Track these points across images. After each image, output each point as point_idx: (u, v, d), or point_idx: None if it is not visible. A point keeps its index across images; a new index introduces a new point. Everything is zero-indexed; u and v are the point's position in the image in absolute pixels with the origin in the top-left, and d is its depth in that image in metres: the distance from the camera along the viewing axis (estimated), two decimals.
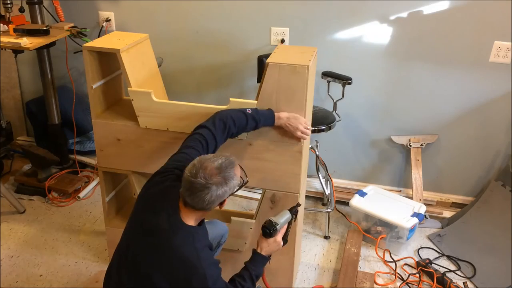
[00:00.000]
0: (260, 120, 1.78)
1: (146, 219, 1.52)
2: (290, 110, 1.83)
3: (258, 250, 1.66)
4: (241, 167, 1.56)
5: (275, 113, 1.82)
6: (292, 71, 1.76)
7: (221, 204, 1.51)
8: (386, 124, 2.80)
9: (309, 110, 1.93)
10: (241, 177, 1.55)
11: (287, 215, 1.70)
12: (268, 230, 1.64)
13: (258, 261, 1.65)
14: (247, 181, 1.62)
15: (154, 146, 2.03)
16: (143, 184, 2.18)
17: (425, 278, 2.35)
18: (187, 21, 2.83)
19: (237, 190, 1.54)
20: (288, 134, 1.86)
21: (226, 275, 1.58)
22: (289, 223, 1.73)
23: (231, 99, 1.85)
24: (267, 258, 1.67)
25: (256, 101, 1.84)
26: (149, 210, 1.54)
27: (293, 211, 1.74)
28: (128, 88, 1.95)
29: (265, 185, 2.00)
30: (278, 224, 1.65)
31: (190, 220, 1.50)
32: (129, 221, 1.59)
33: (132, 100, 1.95)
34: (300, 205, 1.79)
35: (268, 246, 1.66)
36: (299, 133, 1.83)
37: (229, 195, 1.51)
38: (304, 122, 1.83)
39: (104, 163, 2.15)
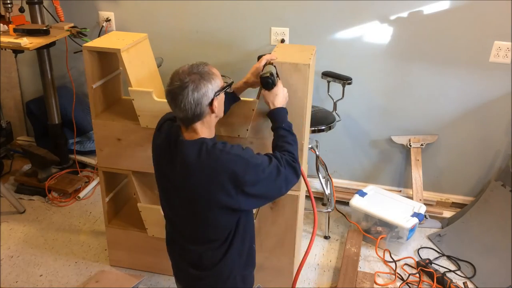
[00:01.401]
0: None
1: (164, 168, 1.52)
2: (292, 109, 1.81)
3: (271, 106, 1.63)
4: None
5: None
6: (293, 69, 1.76)
7: (211, 105, 1.42)
8: (386, 124, 2.80)
9: (308, 108, 1.92)
10: (223, 76, 1.51)
11: (272, 66, 1.67)
12: (270, 79, 1.59)
13: (279, 114, 1.62)
14: (232, 81, 1.56)
15: None
16: (143, 184, 2.21)
17: (425, 278, 2.35)
18: (187, 21, 2.83)
19: (224, 89, 1.48)
20: None
21: None
22: (277, 74, 1.70)
23: None
24: (284, 109, 1.64)
25: (257, 100, 1.84)
26: (163, 159, 1.52)
27: (272, 63, 1.71)
28: (129, 88, 1.95)
29: None
30: (272, 69, 1.61)
31: (194, 136, 1.46)
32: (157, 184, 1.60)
33: (133, 99, 1.95)
34: (277, 57, 1.73)
35: (277, 96, 1.63)
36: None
37: (217, 94, 1.43)
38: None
39: (104, 163, 2.15)
